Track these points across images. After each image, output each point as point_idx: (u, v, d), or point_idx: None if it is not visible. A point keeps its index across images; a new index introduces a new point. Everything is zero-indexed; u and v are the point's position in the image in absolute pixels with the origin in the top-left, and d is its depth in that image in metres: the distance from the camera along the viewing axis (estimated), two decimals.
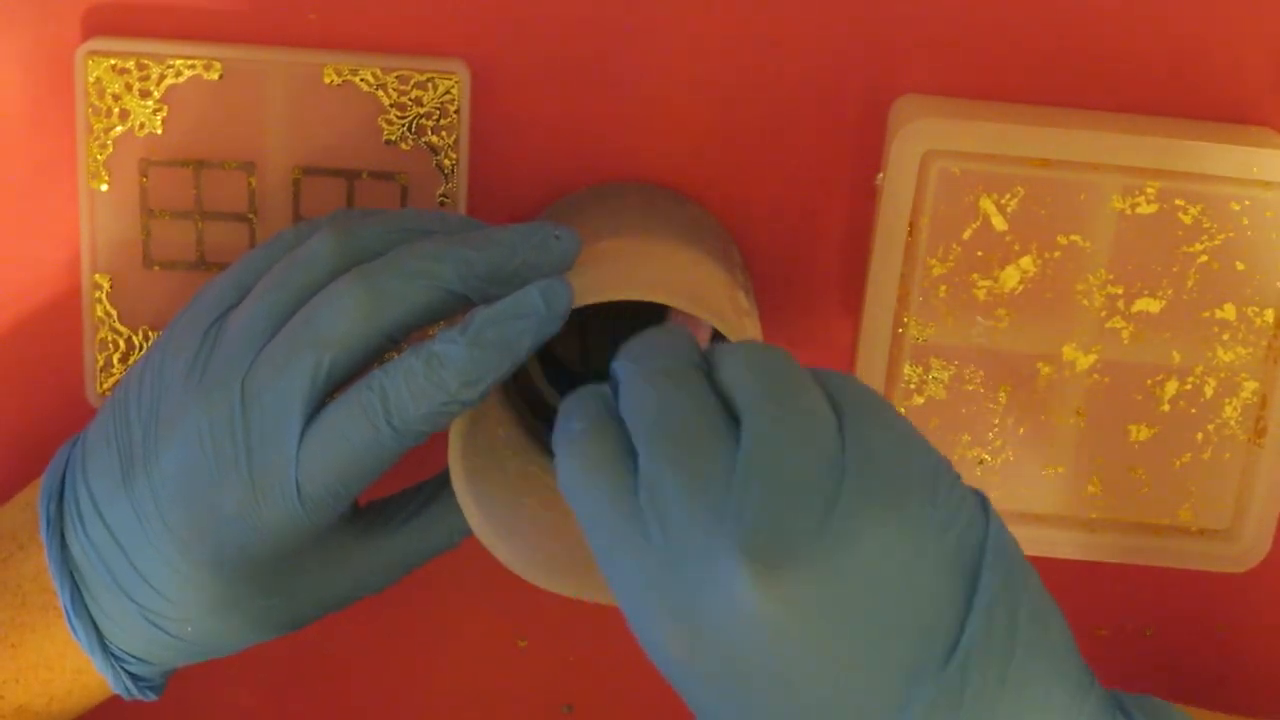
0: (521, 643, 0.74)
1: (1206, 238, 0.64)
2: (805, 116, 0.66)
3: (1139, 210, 0.64)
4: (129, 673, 0.61)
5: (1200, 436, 0.66)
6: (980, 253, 0.64)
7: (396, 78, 0.65)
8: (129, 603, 0.59)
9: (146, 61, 0.64)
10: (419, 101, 0.65)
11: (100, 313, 0.67)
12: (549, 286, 0.56)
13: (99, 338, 0.67)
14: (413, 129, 0.65)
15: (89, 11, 0.65)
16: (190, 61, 0.64)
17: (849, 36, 0.65)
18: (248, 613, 0.60)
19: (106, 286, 0.67)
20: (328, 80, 0.65)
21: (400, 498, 0.62)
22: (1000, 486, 0.67)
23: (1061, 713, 0.50)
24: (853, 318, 0.68)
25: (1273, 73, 0.65)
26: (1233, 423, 0.66)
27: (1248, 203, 0.64)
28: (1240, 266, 0.64)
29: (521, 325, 0.55)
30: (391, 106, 0.65)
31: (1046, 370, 0.66)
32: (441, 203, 0.66)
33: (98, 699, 0.63)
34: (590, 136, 0.67)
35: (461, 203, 0.66)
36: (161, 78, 0.65)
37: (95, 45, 0.64)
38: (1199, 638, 0.73)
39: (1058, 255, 0.64)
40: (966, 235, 0.64)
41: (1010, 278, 0.65)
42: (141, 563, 0.59)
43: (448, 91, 0.65)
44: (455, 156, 0.66)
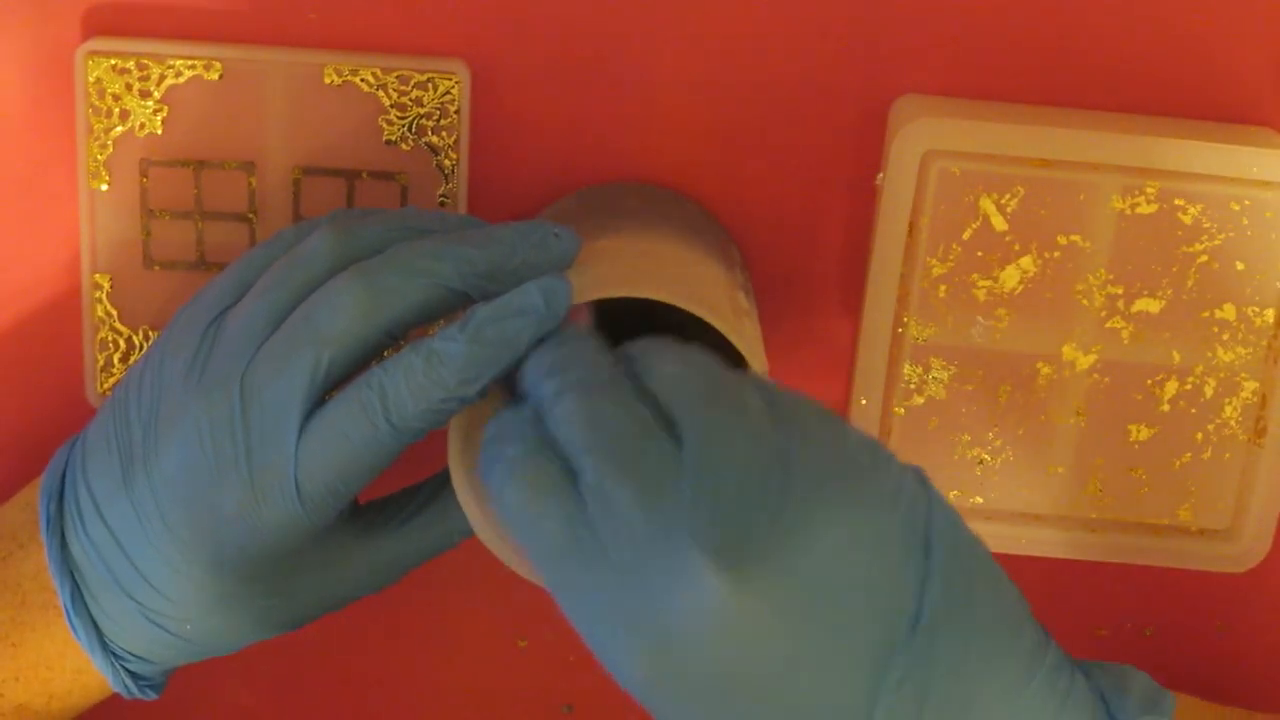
0: (521, 643, 0.74)
1: (1206, 238, 0.64)
2: (805, 116, 0.66)
3: (1139, 210, 0.64)
4: (129, 671, 0.61)
5: (1200, 436, 0.66)
6: (980, 253, 0.64)
7: (396, 78, 0.65)
8: (129, 601, 0.59)
9: (146, 61, 0.64)
10: (419, 101, 0.65)
11: (100, 313, 0.67)
12: (548, 284, 0.56)
13: (99, 338, 0.67)
14: (413, 129, 0.65)
15: (89, 11, 0.65)
16: (190, 61, 0.64)
17: (849, 36, 0.65)
18: (247, 612, 0.60)
19: (106, 286, 0.67)
20: (328, 80, 0.65)
21: (400, 497, 0.62)
22: (1000, 486, 0.67)
23: (1024, 669, 0.50)
24: (853, 318, 0.68)
25: (1273, 73, 0.65)
26: (1233, 423, 0.66)
27: (1248, 203, 0.64)
28: (1240, 266, 0.64)
29: (521, 323, 0.55)
30: (391, 106, 0.65)
31: (1046, 370, 0.66)
32: (442, 203, 0.66)
33: (98, 698, 0.63)
34: (590, 136, 0.67)
35: (461, 203, 0.66)
36: (162, 78, 0.65)
37: (95, 45, 0.64)
38: (1199, 638, 0.73)
39: (1058, 255, 0.64)
40: (966, 235, 0.64)
41: (1010, 278, 0.65)
42: (141, 562, 0.59)
43: (448, 91, 0.65)
44: (455, 156, 0.66)
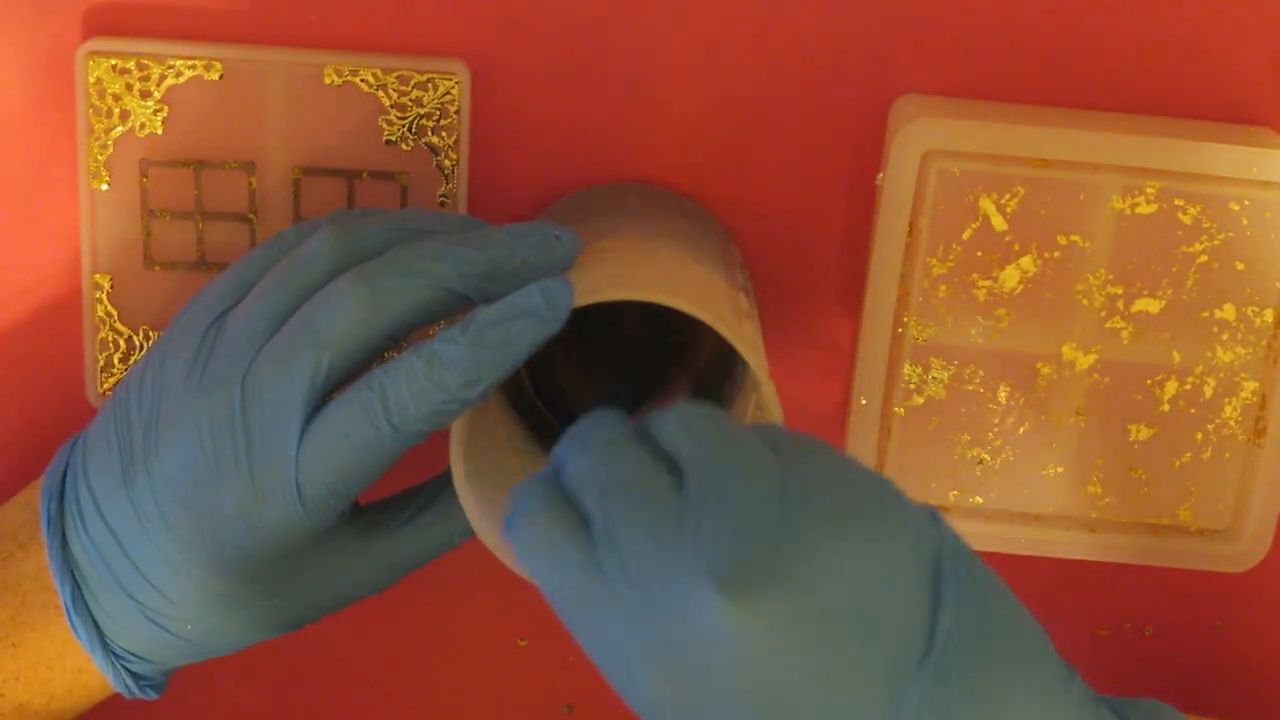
0: (521, 643, 0.74)
1: (1206, 238, 0.64)
2: (805, 116, 0.66)
3: (1139, 210, 0.64)
4: (129, 671, 0.61)
5: (1200, 436, 0.66)
6: (980, 253, 0.64)
7: (396, 78, 0.65)
8: (129, 601, 0.59)
9: (147, 61, 0.64)
10: (419, 102, 0.65)
11: (100, 313, 0.67)
12: (550, 286, 0.56)
13: (99, 338, 0.67)
14: (413, 129, 0.65)
15: (89, 11, 0.65)
16: (190, 61, 0.64)
17: (849, 36, 0.65)
18: (248, 612, 0.60)
19: (107, 286, 0.67)
20: (328, 80, 0.65)
21: (401, 498, 0.62)
22: (1000, 486, 0.67)
23: (1046, 702, 0.50)
24: (853, 318, 0.68)
25: (1273, 73, 0.65)
26: (1233, 423, 0.66)
27: (1248, 203, 0.64)
28: (1240, 266, 0.64)
29: (522, 325, 0.55)
30: (392, 107, 0.65)
31: (1046, 370, 0.66)
32: (442, 203, 0.66)
33: (98, 698, 0.63)
34: (590, 136, 0.67)
35: (462, 203, 0.66)
36: (162, 78, 0.65)
37: (95, 45, 0.64)
38: (1199, 638, 0.73)
39: (1058, 255, 0.64)
40: (966, 235, 0.64)
41: (1010, 278, 0.65)
42: (142, 561, 0.59)
43: (448, 92, 0.65)
44: (455, 157, 0.66)
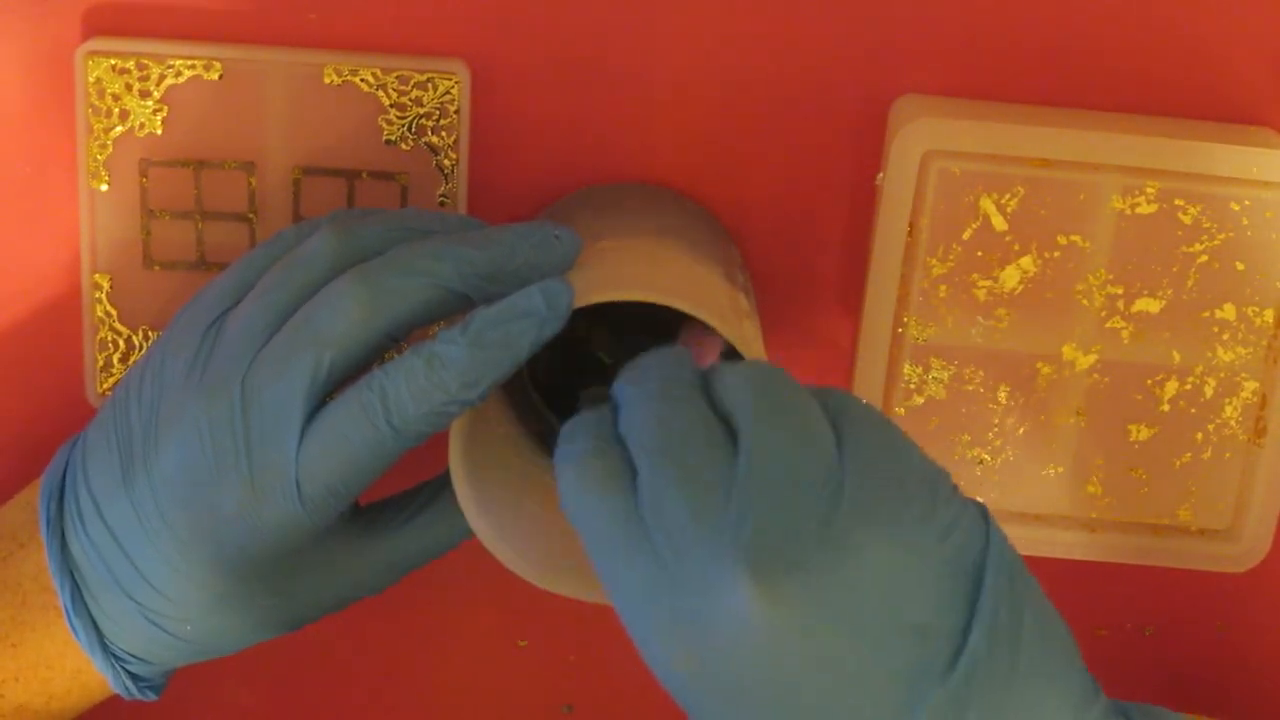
0: (521, 643, 0.74)
1: (1206, 238, 0.64)
2: (805, 116, 0.66)
3: (1139, 210, 0.64)
4: (129, 672, 0.61)
5: (1200, 436, 0.66)
6: (980, 253, 0.64)
7: (396, 78, 0.65)
8: (129, 602, 0.59)
9: (146, 61, 0.64)
10: (419, 101, 0.65)
11: (100, 313, 0.67)
12: (550, 286, 0.56)
13: (99, 338, 0.67)
14: (413, 129, 0.65)
15: (89, 11, 0.65)
16: (190, 61, 0.64)
17: (849, 36, 0.65)
18: (247, 612, 0.60)
19: (106, 286, 0.67)
20: (328, 80, 0.65)
21: (401, 498, 0.62)
22: (1000, 486, 0.67)
23: (1068, 715, 0.49)
24: (853, 318, 0.68)
25: (1273, 73, 0.65)
26: (1233, 423, 0.66)
27: (1248, 203, 0.64)
28: (1240, 266, 0.64)
29: (523, 325, 0.55)
30: (391, 106, 0.65)
31: (1046, 370, 0.66)
32: (441, 203, 0.66)
33: (97, 698, 0.63)
34: (590, 136, 0.67)
35: (461, 203, 0.66)
36: (161, 78, 0.65)
37: (95, 45, 0.64)
38: (1199, 638, 0.73)
39: (1058, 255, 0.64)
40: (966, 235, 0.64)
41: (1010, 278, 0.65)
42: (141, 562, 0.59)
43: (448, 91, 0.65)
44: (455, 156, 0.66)
